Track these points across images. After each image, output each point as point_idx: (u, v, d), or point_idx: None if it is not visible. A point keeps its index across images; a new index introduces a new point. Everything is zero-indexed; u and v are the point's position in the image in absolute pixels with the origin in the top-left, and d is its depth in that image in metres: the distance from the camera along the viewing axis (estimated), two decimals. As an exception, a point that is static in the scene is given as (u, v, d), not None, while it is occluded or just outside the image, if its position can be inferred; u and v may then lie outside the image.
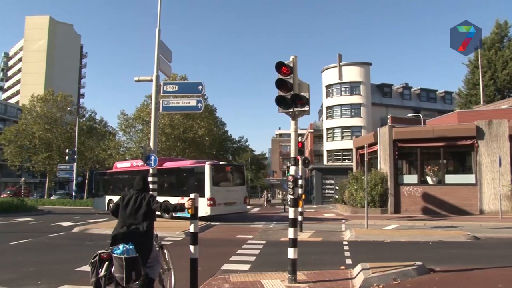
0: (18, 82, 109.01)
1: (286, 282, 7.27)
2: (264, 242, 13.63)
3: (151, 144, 20.47)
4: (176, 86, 21.34)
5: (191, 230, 6.07)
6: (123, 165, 31.47)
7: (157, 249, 5.98)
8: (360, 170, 29.00)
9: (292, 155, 7.95)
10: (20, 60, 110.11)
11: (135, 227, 5.26)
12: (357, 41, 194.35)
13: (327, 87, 57.20)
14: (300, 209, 15.07)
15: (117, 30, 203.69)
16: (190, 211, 6.00)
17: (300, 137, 52.12)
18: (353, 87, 55.04)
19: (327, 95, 57.26)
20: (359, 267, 8.03)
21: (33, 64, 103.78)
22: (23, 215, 27.40)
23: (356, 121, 54.44)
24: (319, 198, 50.65)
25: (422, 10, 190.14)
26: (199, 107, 20.56)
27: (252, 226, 20.35)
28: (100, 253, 4.97)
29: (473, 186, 24.25)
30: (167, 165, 26.41)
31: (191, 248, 5.98)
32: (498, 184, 23.35)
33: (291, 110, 7.81)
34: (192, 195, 6.05)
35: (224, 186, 23.87)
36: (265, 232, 17.18)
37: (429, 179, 25.51)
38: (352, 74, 54.99)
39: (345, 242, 13.44)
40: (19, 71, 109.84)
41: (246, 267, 9.17)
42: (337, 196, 36.45)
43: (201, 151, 51.50)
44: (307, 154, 61.11)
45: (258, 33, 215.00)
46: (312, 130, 64.17)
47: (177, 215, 21.83)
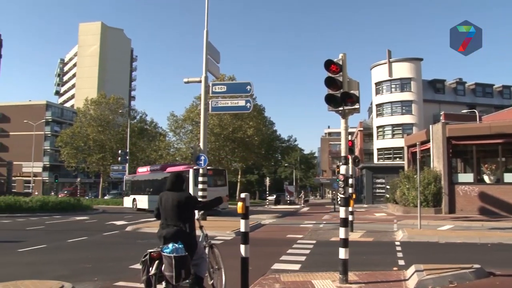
0: (73, 86, 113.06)
1: (337, 283, 7.16)
2: (314, 241, 13.50)
3: (201, 145, 20.74)
4: (225, 87, 21.53)
5: (242, 229, 6.06)
6: (142, 170, 38.34)
7: (206, 248, 6.01)
8: (412, 168, 28.31)
9: (343, 154, 7.83)
10: (74, 65, 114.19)
11: (177, 226, 5.29)
12: (406, 36, 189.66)
13: (377, 84, 56.19)
14: (350, 209, 14.85)
15: (165, 32, 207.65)
16: (240, 210, 5.99)
17: (349, 136, 51.50)
18: (403, 84, 53.81)
19: (377, 93, 56.26)
20: (412, 268, 7.81)
21: (86, 69, 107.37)
22: (79, 214, 28.34)
23: (407, 119, 53.18)
24: (370, 198, 49.86)
25: (475, 2, 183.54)
26: (248, 107, 20.67)
27: (302, 225, 20.23)
28: (150, 252, 5.04)
29: (535, 185, 23.12)
30: (168, 169, 31.86)
31: (242, 247, 5.97)
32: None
33: (341, 108, 7.69)
34: (243, 195, 6.05)
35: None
36: (315, 231, 17.02)
37: (486, 178, 24.54)
38: (403, 70, 53.74)
39: (397, 243, 13.13)
40: (73, 76, 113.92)
41: (297, 266, 9.10)
42: (388, 196, 35.73)
43: (250, 151, 51.71)
44: (357, 152, 60.16)
45: (305, 31, 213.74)
46: (361, 129, 63.22)
47: None
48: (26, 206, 27.09)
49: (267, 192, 54.23)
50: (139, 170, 39.30)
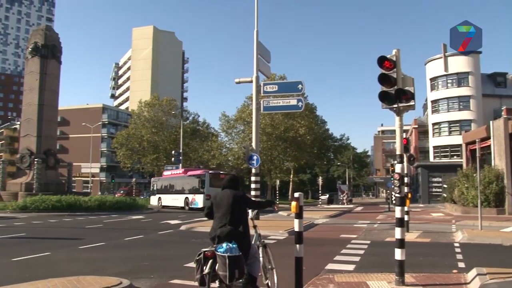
0: (127, 89, 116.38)
1: (393, 284, 6.97)
2: (368, 242, 13.24)
3: (253, 145, 20.80)
4: (276, 86, 21.47)
5: (296, 229, 6.00)
6: (167, 173, 44.12)
7: (259, 247, 5.99)
8: (471, 167, 27.30)
9: (398, 152, 7.62)
10: (128, 69, 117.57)
11: (231, 225, 5.28)
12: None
13: (432, 79, 54.46)
14: (406, 208, 14.48)
15: (216, 33, 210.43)
16: (294, 210, 5.94)
17: (404, 133, 50.36)
18: (460, 79, 51.84)
19: (432, 88, 54.54)
20: (474, 271, 7.49)
21: (140, 72, 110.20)
22: (135, 213, 29.08)
23: (465, 115, 51.24)
24: (426, 197, 48.49)
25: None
26: (300, 106, 20.54)
27: (355, 225, 19.92)
28: (204, 251, 5.05)
29: None
30: (189, 173, 38.29)
31: (296, 247, 5.92)
32: None
33: (395, 105, 7.48)
34: (297, 194, 5.99)
35: (218, 187, 26.14)
36: (369, 231, 16.72)
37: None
38: (459, 64, 51.71)
39: (456, 244, 12.68)
40: (128, 79, 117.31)
41: (351, 267, 8.94)
42: (445, 195, 34.63)
43: (302, 150, 51.49)
44: (412, 151, 58.62)
45: (357, 28, 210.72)
46: (416, 126, 61.55)
47: (191, 206, 34.09)
48: (85, 205, 28.12)
49: (320, 192, 53.80)
50: (164, 173, 44.76)
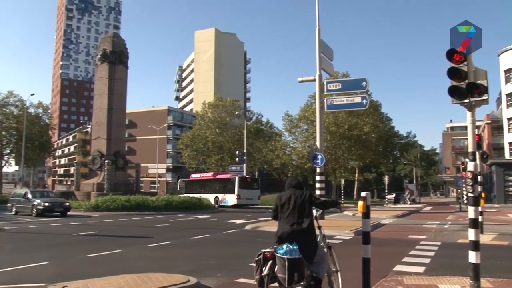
0: (191, 91, 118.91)
1: (468, 289, 6.64)
2: (439, 243, 12.72)
3: (317, 143, 20.60)
4: (340, 84, 21.16)
5: (364, 229, 5.84)
6: (195, 175, 49.40)
7: (324, 249, 5.86)
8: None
9: (470, 149, 7.24)
10: (192, 71, 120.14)
11: (298, 226, 5.19)
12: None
13: (506, 71, 51.64)
14: (480, 209, 13.78)
15: (277, 33, 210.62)
16: (361, 209, 5.78)
17: (476, 129, 48.24)
18: (538, 69, 48.88)
19: (507, 81, 51.75)
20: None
21: (203, 74, 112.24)
22: (200, 212, 29.61)
23: (544, 108, 48.30)
24: (501, 197, 46.11)
25: None
26: (364, 103, 20.13)
27: (424, 226, 19.25)
28: (264, 252, 4.99)
29: None
30: (218, 176, 44.72)
31: (364, 247, 5.75)
32: None
33: (466, 100, 7.10)
34: (364, 194, 5.82)
35: (245, 189, 40.04)
36: (440, 232, 16.07)
37: None
38: (537, 54, 48.80)
39: (538, 248, 11.94)
40: (191, 81, 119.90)
41: (421, 269, 8.60)
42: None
43: (367, 148, 50.51)
44: (484, 147, 55.99)
45: (420, 23, 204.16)
46: (489, 121, 58.68)
47: (221, 204, 39.87)
48: (152, 205, 28.98)
49: (386, 191, 52.45)
50: (192, 175, 50.02)
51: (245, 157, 47.87)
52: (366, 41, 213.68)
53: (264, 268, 4.93)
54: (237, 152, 49.68)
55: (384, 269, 8.28)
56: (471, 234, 6.70)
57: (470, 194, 6.92)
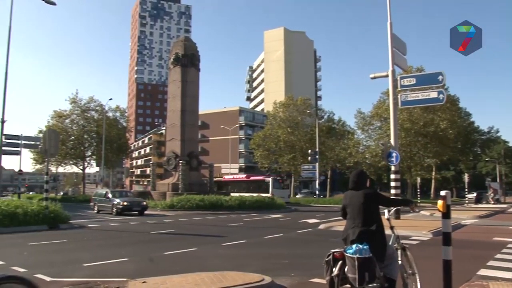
0: (262, 91, 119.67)
1: None
2: (529, 246, 11.87)
3: (392, 141, 20.04)
4: (414, 79, 20.47)
5: (444, 229, 5.54)
6: (228, 177, 56.22)
7: (398, 250, 5.60)
8: None
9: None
10: (262, 71, 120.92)
11: (363, 225, 5.01)
12: None
13: None
14: None
15: (347, 29, 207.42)
16: (441, 209, 5.49)
17: None
18: None
19: None
20: None
21: (273, 74, 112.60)
22: (273, 212, 29.67)
23: None
24: None
25: None
26: (441, 98, 19.38)
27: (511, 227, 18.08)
28: (334, 252, 4.88)
29: None
30: (252, 178, 50.55)
31: (444, 249, 5.46)
32: None
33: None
34: (443, 193, 5.52)
35: (278, 189, 44.85)
36: (529, 234, 15.02)
37: None
38: None
39: None
40: (262, 81, 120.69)
41: (509, 274, 7.96)
42: None
43: (444, 145, 48.54)
44: None
45: (498, 16, 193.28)
46: None
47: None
48: (226, 204, 29.41)
49: (466, 190, 50.08)
50: (225, 177, 56.31)
51: (317, 156, 47.48)
52: (441, 34, 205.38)
53: (334, 269, 4.82)
54: (309, 151, 49.33)
55: (466, 273, 7.82)
56: None
57: None
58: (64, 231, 16.65)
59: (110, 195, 27.84)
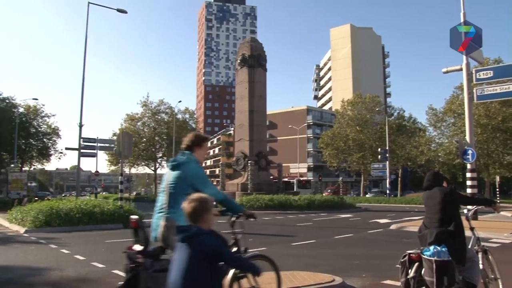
0: (329, 89, 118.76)
1: None
2: None
3: (467, 138, 19.17)
4: (491, 72, 19.45)
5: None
6: None
7: (478, 252, 5.28)
8: None
9: None
10: (329, 69, 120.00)
11: (442, 225, 4.76)
12: None
13: None
14: None
15: (416, 23, 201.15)
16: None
17: None
18: None
19: None
20: None
21: (340, 71, 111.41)
22: (342, 211, 29.24)
23: None
24: None
25: None
26: (522, 91, 18.29)
27: None
28: (410, 253, 4.72)
29: None
30: (284, 179, 49.97)
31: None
32: None
33: None
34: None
35: (302, 189, 48.28)
36: None
37: None
38: None
39: None
40: (329, 79, 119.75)
41: None
42: None
43: (528, 141, 45.73)
44: None
45: None
46: None
47: None
48: (295, 204, 29.32)
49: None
50: None
51: (387, 155, 46.42)
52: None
53: (410, 271, 4.66)
54: (379, 149, 48.32)
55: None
56: None
57: None
58: (138, 229, 17.24)
59: (181, 196, 28.54)
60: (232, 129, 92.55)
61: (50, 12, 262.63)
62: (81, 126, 24.11)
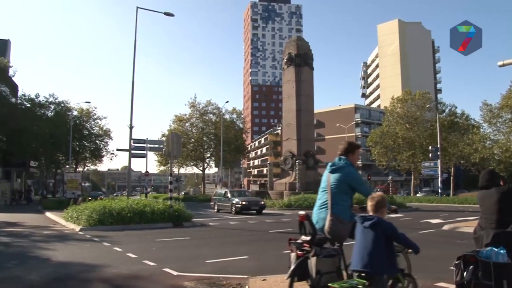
0: (377, 87, 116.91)
1: None
2: None
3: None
4: (550, 64, 18.53)
5: None
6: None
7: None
8: None
9: None
10: (377, 66, 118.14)
11: (499, 226, 4.56)
12: None
13: None
14: None
15: (468, 15, 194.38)
16: None
17: None
18: None
19: None
20: None
21: (388, 68, 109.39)
22: (393, 211, 28.67)
23: None
24: None
25: None
26: None
27: None
28: (465, 255, 4.49)
29: None
30: None
31: None
32: None
33: None
34: None
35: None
36: None
37: None
38: None
39: None
40: (377, 77, 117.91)
41: None
42: None
43: None
44: None
45: None
46: None
47: None
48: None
49: None
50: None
51: (439, 153, 45.15)
52: None
53: (465, 273, 4.44)
54: (429, 147, 47.07)
55: None
56: None
57: None
58: (187, 228, 17.61)
59: (229, 195, 28.87)
60: (280, 128, 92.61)
61: (102, 17, 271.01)
62: (131, 127, 24.72)
